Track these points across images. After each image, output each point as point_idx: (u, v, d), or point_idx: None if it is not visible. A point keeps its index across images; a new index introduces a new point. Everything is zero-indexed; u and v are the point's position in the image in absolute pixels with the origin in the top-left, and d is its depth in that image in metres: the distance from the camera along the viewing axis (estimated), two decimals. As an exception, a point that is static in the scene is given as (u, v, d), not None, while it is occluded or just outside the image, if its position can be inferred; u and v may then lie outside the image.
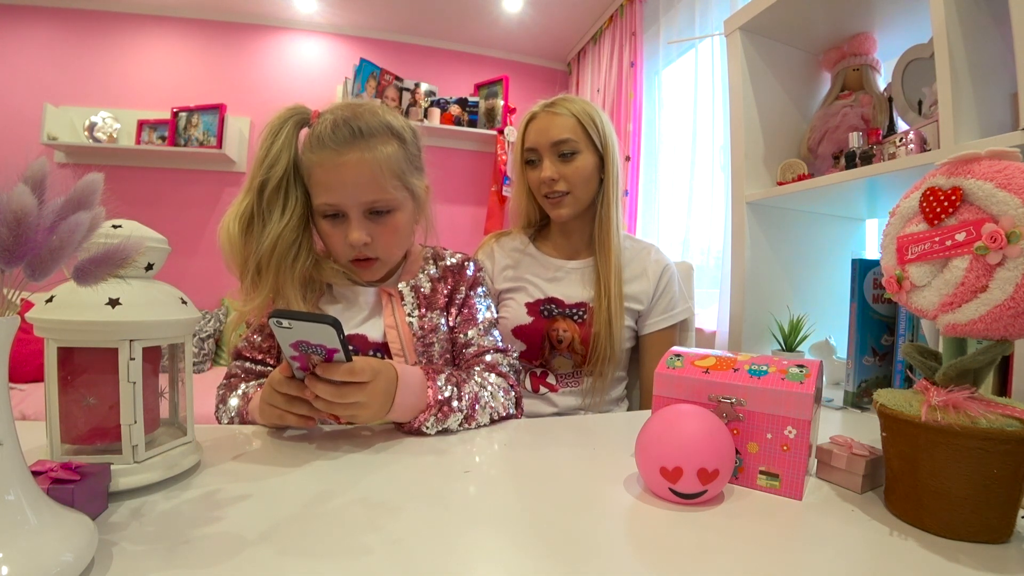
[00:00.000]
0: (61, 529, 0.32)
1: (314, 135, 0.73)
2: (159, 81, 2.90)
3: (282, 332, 0.55)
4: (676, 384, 0.56)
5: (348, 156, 0.71)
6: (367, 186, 0.72)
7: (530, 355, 1.03)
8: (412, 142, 0.79)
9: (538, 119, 1.03)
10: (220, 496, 0.46)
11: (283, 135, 0.73)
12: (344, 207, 0.73)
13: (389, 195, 0.74)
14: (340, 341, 0.54)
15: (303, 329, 0.54)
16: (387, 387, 0.61)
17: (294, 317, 0.53)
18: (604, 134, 1.02)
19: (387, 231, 0.76)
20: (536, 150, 1.02)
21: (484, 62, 3.36)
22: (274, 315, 0.53)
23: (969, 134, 0.78)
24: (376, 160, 0.72)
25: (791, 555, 0.40)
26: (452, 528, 0.42)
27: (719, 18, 2.03)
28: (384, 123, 0.74)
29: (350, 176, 0.71)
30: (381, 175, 0.72)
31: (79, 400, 0.46)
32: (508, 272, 1.08)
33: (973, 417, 0.41)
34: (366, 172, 0.71)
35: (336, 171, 0.71)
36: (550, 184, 1.01)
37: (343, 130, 0.71)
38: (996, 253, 0.39)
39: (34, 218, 0.30)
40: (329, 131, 0.71)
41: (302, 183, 0.75)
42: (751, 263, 1.20)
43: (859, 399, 0.85)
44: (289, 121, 0.74)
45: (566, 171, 1.00)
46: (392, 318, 0.79)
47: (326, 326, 0.53)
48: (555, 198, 1.02)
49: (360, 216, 0.73)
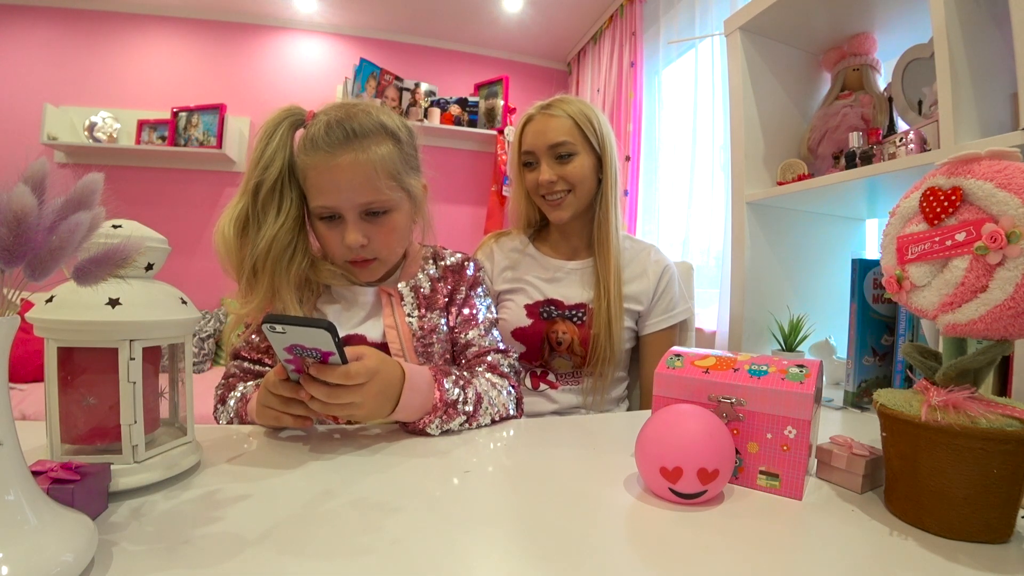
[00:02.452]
0: (61, 529, 0.32)
1: (308, 137, 0.72)
2: (159, 81, 2.89)
3: (276, 337, 0.54)
4: (676, 384, 0.56)
5: (342, 158, 0.70)
6: (362, 188, 0.72)
7: (530, 357, 1.03)
8: (407, 141, 0.78)
9: (535, 121, 1.02)
10: (220, 496, 0.46)
11: (278, 137, 0.73)
12: (340, 209, 0.73)
13: (385, 196, 0.73)
14: (335, 344, 0.54)
15: (297, 334, 0.53)
16: (384, 388, 0.60)
17: (287, 322, 0.53)
18: (601, 135, 1.01)
19: (384, 232, 0.75)
20: (533, 153, 1.02)
21: (484, 62, 3.36)
22: (267, 320, 0.53)
23: (969, 134, 0.78)
24: (370, 161, 0.71)
25: (791, 555, 0.40)
26: (452, 528, 0.42)
27: (719, 18, 2.03)
28: (378, 123, 0.74)
29: (344, 178, 0.71)
30: (376, 176, 0.72)
31: (79, 400, 0.46)
32: (507, 273, 1.08)
33: (973, 417, 0.41)
34: (360, 174, 0.71)
35: (330, 173, 0.71)
36: (549, 187, 1.00)
37: (336, 132, 0.71)
38: (996, 253, 0.39)
39: (34, 218, 0.30)
40: (323, 133, 0.71)
41: (297, 185, 0.75)
42: (751, 263, 1.20)
43: (859, 399, 0.85)
44: (284, 123, 0.73)
45: (564, 172, 1.00)
46: (392, 318, 0.79)
47: (320, 331, 0.52)
48: (554, 200, 1.01)
49: (356, 218, 0.73)
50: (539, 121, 1.01)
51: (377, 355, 0.61)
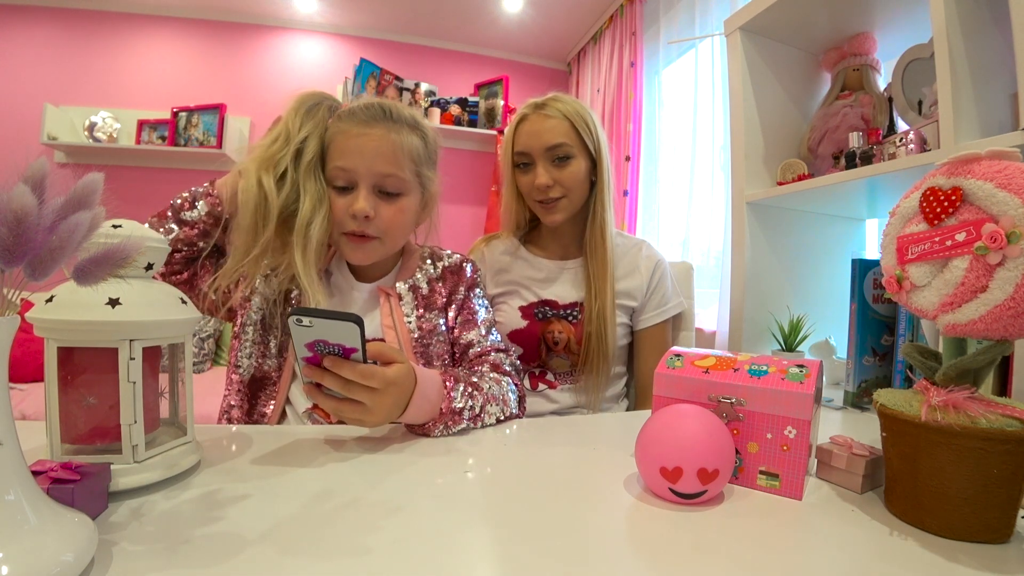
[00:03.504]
0: (61, 529, 0.32)
1: (346, 111, 0.77)
2: (159, 81, 2.89)
3: (300, 331, 0.53)
4: (676, 384, 0.56)
5: (374, 129, 0.74)
6: (385, 159, 0.74)
7: (527, 358, 1.03)
8: (432, 145, 0.83)
9: (529, 121, 1.00)
10: (220, 496, 0.46)
11: (318, 115, 0.75)
12: (357, 174, 0.74)
13: (403, 175, 0.76)
14: (361, 340, 0.53)
15: (323, 328, 0.52)
16: (397, 400, 0.60)
17: (316, 315, 0.52)
18: (596, 136, 1.00)
19: (391, 211, 0.76)
20: (528, 154, 0.99)
21: (484, 62, 3.36)
22: (293, 313, 0.52)
23: (969, 134, 0.78)
24: (400, 140, 0.75)
25: (791, 555, 0.40)
26: (452, 527, 0.42)
27: (719, 18, 2.03)
28: (413, 116, 0.80)
29: (371, 146, 0.74)
30: (400, 154, 0.75)
31: (79, 400, 0.46)
32: (500, 276, 1.07)
33: (973, 417, 0.41)
34: (387, 146, 0.74)
35: (358, 139, 0.74)
36: (544, 191, 0.98)
37: (375, 109, 0.76)
38: (996, 253, 0.39)
39: (34, 218, 0.30)
40: (362, 106, 0.76)
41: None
42: (751, 263, 1.20)
43: (859, 399, 0.85)
44: (323, 105, 0.77)
45: (561, 176, 0.98)
46: (390, 318, 0.79)
47: (350, 324, 0.52)
48: (549, 204, 1.00)
49: (368, 189, 0.75)
50: (534, 121, 0.99)
51: (401, 363, 0.60)
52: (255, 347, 0.79)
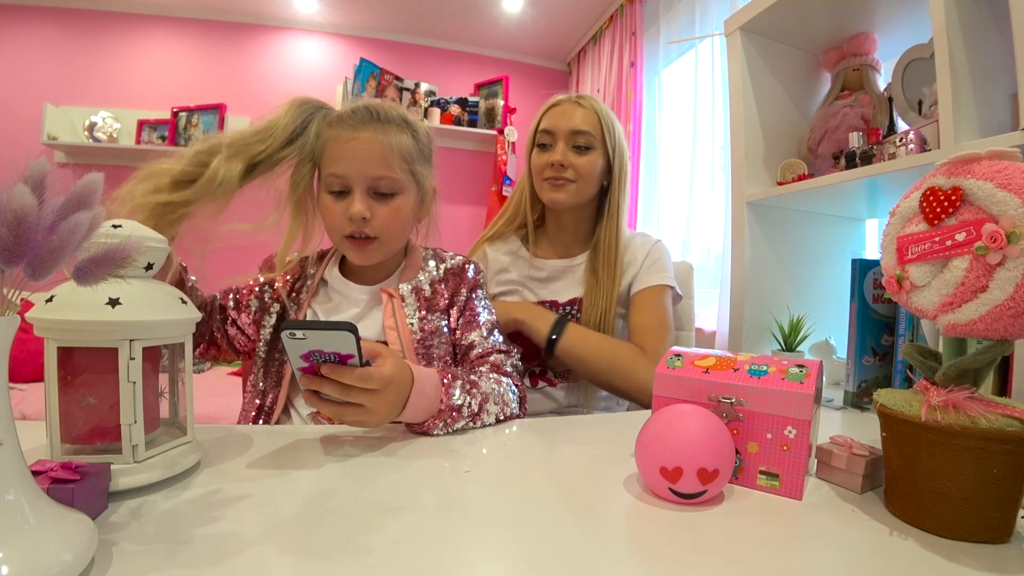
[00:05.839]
0: (61, 529, 0.32)
1: (335, 116, 0.78)
2: (159, 81, 2.90)
3: (294, 344, 0.53)
4: (676, 384, 0.56)
5: (362, 133, 0.76)
6: (376, 162, 0.75)
7: (527, 358, 1.03)
8: (424, 140, 0.83)
9: (561, 105, 1.04)
10: (220, 496, 0.46)
11: (314, 124, 0.77)
12: (350, 179, 0.75)
13: (395, 175, 0.77)
14: (356, 346, 0.53)
15: (317, 339, 0.52)
16: (397, 398, 0.60)
17: (308, 327, 0.52)
18: (617, 140, 1.03)
19: (388, 211, 0.77)
20: (552, 133, 1.02)
21: (484, 62, 3.36)
22: (286, 327, 0.52)
23: (969, 134, 0.78)
24: (388, 141, 0.76)
25: (791, 555, 0.40)
26: (452, 528, 0.42)
27: (719, 18, 2.03)
28: (400, 115, 0.80)
29: (361, 149, 0.75)
30: (391, 154, 0.76)
31: (79, 400, 0.46)
32: (501, 276, 1.08)
33: (973, 417, 0.41)
34: (377, 148, 0.75)
35: (348, 144, 0.75)
36: (558, 168, 1.00)
37: (362, 112, 0.77)
38: (996, 253, 0.39)
39: (34, 218, 0.30)
40: (349, 112, 0.78)
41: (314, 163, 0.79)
42: (751, 263, 1.20)
43: (859, 399, 0.85)
44: (318, 114, 0.78)
45: (577, 162, 1.01)
46: (392, 319, 0.79)
47: (344, 332, 0.52)
48: (558, 182, 1.01)
49: (363, 192, 0.76)
50: (566, 106, 1.03)
51: (394, 360, 0.60)
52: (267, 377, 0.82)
